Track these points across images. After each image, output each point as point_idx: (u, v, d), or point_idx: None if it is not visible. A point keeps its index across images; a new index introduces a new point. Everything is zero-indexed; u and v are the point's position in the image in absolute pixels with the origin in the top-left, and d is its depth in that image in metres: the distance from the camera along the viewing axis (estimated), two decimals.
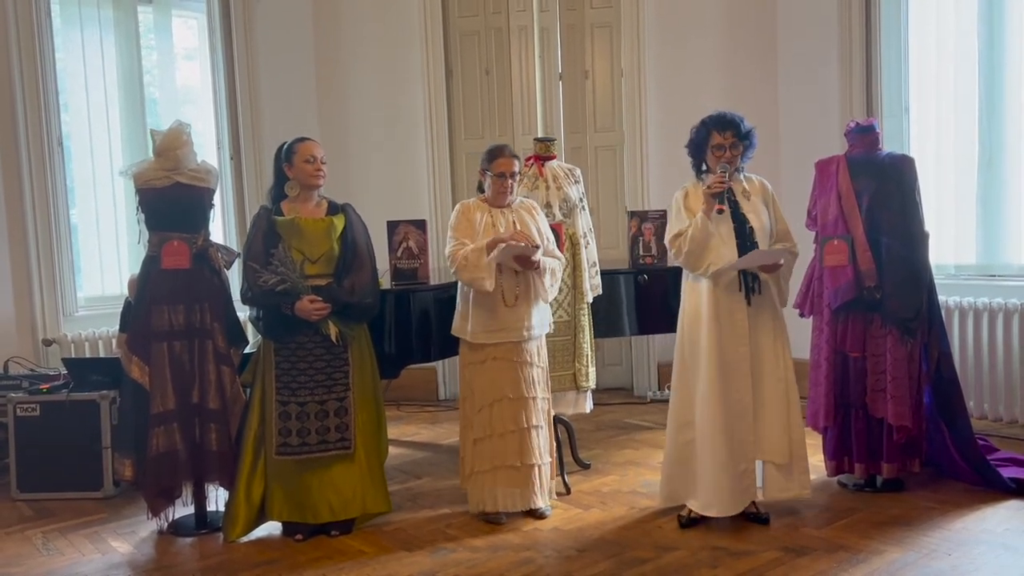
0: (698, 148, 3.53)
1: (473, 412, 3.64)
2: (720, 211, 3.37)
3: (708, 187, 3.40)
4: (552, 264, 3.66)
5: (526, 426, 3.63)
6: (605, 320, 4.32)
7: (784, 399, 3.48)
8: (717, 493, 3.43)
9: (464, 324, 3.64)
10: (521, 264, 3.54)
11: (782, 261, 3.44)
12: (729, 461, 3.43)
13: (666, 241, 3.58)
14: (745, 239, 3.44)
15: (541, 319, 3.70)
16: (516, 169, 3.68)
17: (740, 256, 3.41)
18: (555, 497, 3.86)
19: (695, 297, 3.51)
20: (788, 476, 3.51)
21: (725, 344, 3.43)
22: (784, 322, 3.56)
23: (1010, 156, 4.77)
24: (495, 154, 3.68)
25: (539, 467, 3.67)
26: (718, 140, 3.45)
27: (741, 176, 3.54)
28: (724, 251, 3.40)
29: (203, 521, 3.74)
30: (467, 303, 3.64)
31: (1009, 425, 4.70)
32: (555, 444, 3.82)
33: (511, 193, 3.69)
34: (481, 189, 3.78)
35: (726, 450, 3.42)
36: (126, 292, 4.21)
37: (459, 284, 3.69)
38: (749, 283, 3.45)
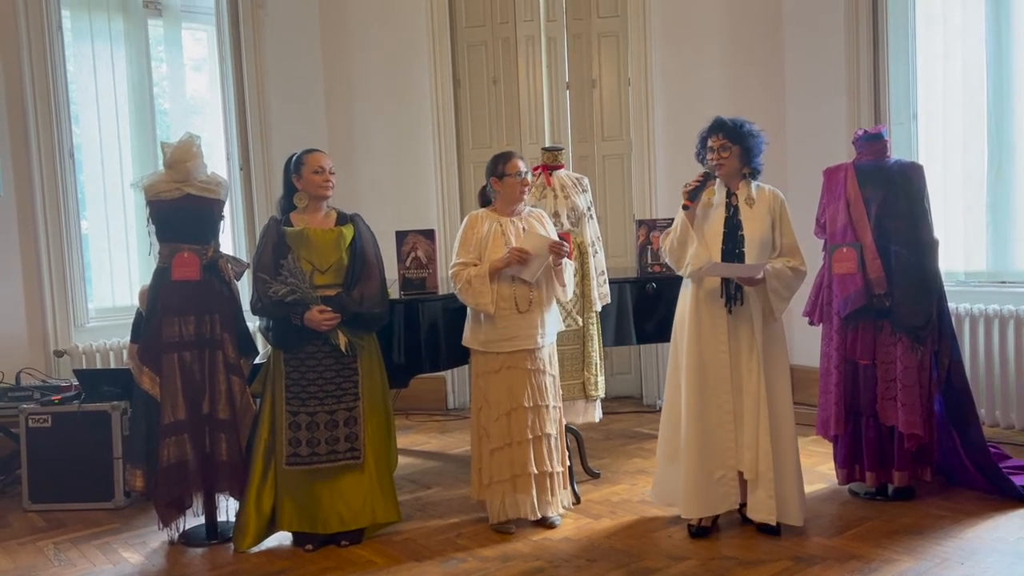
0: (703, 157, 3.56)
1: (490, 422, 3.64)
2: (686, 207, 3.42)
3: (685, 184, 3.46)
4: (568, 268, 3.69)
5: (541, 434, 3.64)
6: (613, 329, 4.32)
7: (754, 414, 3.43)
8: (684, 493, 3.46)
9: (476, 334, 3.65)
10: (553, 250, 3.53)
11: (759, 276, 3.38)
12: (701, 465, 3.44)
13: (660, 240, 3.63)
14: (733, 245, 3.44)
15: (553, 325, 3.71)
16: (527, 169, 3.72)
17: (724, 260, 3.42)
18: (569, 507, 3.86)
19: (683, 301, 3.56)
20: (755, 495, 3.44)
21: (704, 348, 3.45)
22: (773, 336, 3.49)
23: (1020, 162, 4.75)
24: (507, 157, 3.70)
25: (555, 475, 3.68)
26: (709, 144, 3.49)
27: (753, 184, 3.54)
28: (703, 252, 3.41)
29: (214, 531, 3.75)
30: (479, 312, 3.65)
31: (1021, 432, 4.67)
32: (566, 453, 3.82)
33: (529, 191, 3.72)
34: (487, 201, 3.79)
35: (699, 454, 3.44)
36: (137, 303, 4.24)
37: None
38: (731, 292, 3.44)
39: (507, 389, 3.61)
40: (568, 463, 3.84)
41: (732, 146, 3.45)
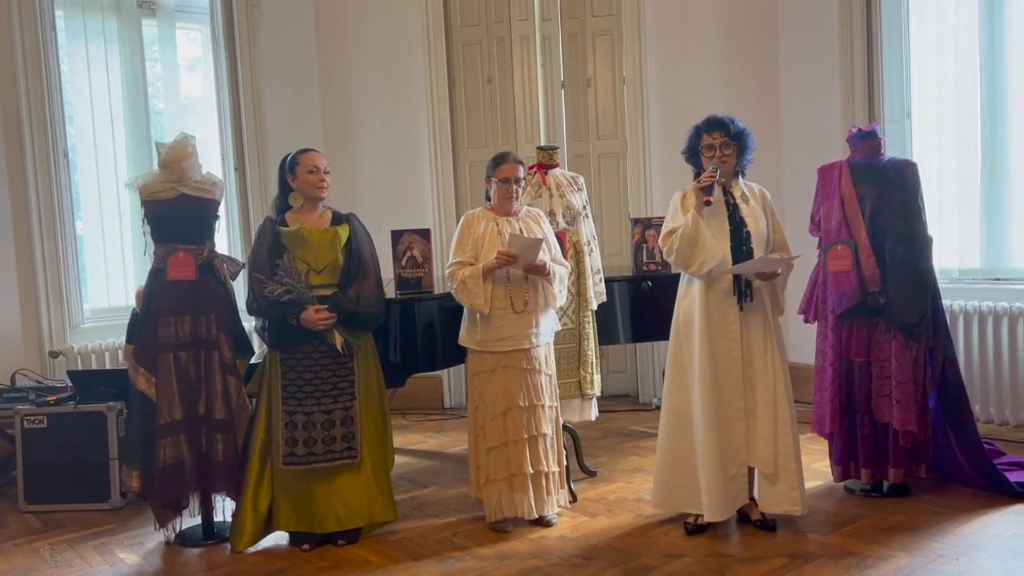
0: (692, 153, 3.55)
1: (486, 421, 3.64)
2: (708, 202, 3.38)
3: (698, 181, 3.44)
4: (560, 271, 3.68)
5: (536, 433, 3.64)
6: (609, 327, 4.33)
7: (771, 408, 3.45)
8: (708, 496, 3.44)
9: (472, 334, 3.66)
10: (532, 271, 3.56)
11: (780, 270, 3.44)
12: (720, 465, 3.43)
13: (659, 239, 3.59)
14: (741, 242, 3.44)
15: (549, 326, 3.72)
16: (521, 175, 3.70)
17: (734, 257, 3.41)
18: (566, 506, 3.86)
19: (688, 301, 3.53)
20: (775, 488, 3.47)
21: (716, 348, 3.44)
22: (779, 330, 3.54)
23: (1013, 159, 4.77)
24: (499, 160, 3.71)
25: (551, 474, 3.68)
26: (707, 141, 3.48)
27: (742, 182, 3.55)
28: (717, 250, 3.40)
29: (210, 531, 3.75)
30: (475, 312, 3.65)
31: (1015, 429, 4.69)
32: (563, 452, 3.82)
33: (517, 199, 3.72)
34: (489, 198, 3.80)
35: (717, 454, 3.43)
36: (132, 303, 4.23)
37: None
38: (742, 288, 3.45)
39: (502, 388, 3.62)
40: (565, 462, 3.84)
41: (732, 143, 3.46)
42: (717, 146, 3.46)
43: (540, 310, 3.64)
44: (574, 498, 3.99)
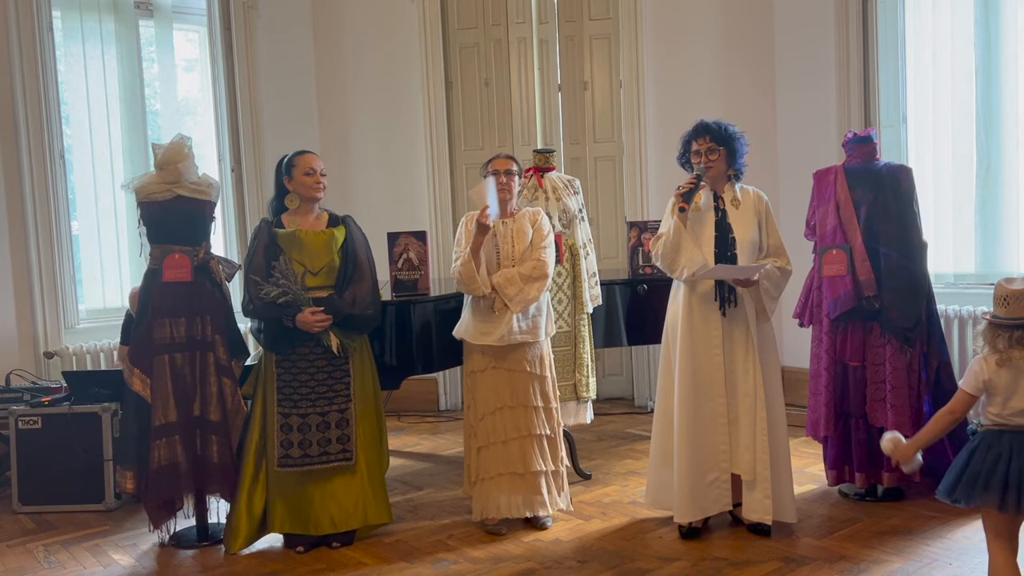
0: (685, 159, 3.57)
1: (476, 420, 3.66)
2: (683, 208, 3.38)
3: (678, 188, 3.45)
4: (512, 274, 3.59)
5: (527, 434, 3.64)
6: (605, 330, 4.33)
7: (751, 415, 3.45)
8: (678, 496, 3.46)
9: (462, 324, 3.70)
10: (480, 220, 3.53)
11: (755, 278, 3.40)
12: (695, 468, 3.44)
13: (650, 244, 3.61)
14: (725, 248, 3.45)
15: (532, 325, 3.65)
16: (513, 168, 3.72)
17: (717, 262, 3.42)
18: (568, 508, 3.83)
19: (675, 305, 3.55)
20: (752, 495, 3.46)
21: (697, 352, 3.45)
22: (769, 337, 3.53)
23: (1008, 164, 4.78)
24: (494, 158, 3.77)
25: (543, 474, 3.67)
26: (695, 147, 3.50)
27: (736, 186, 3.55)
28: (697, 255, 3.40)
29: (204, 533, 3.75)
30: (467, 306, 3.71)
31: None
32: (563, 454, 3.81)
33: (511, 196, 3.72)
34: None
35: (690, 458, 3.44)
36: (127, 305, 4.23)
37: None
38: (725, 294, 3.45)
39: (492, 388, 3.63)
40: (565, 464, 3.83)
41: (719, 148, 3.47)
42: (703, 152, 3.47)
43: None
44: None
